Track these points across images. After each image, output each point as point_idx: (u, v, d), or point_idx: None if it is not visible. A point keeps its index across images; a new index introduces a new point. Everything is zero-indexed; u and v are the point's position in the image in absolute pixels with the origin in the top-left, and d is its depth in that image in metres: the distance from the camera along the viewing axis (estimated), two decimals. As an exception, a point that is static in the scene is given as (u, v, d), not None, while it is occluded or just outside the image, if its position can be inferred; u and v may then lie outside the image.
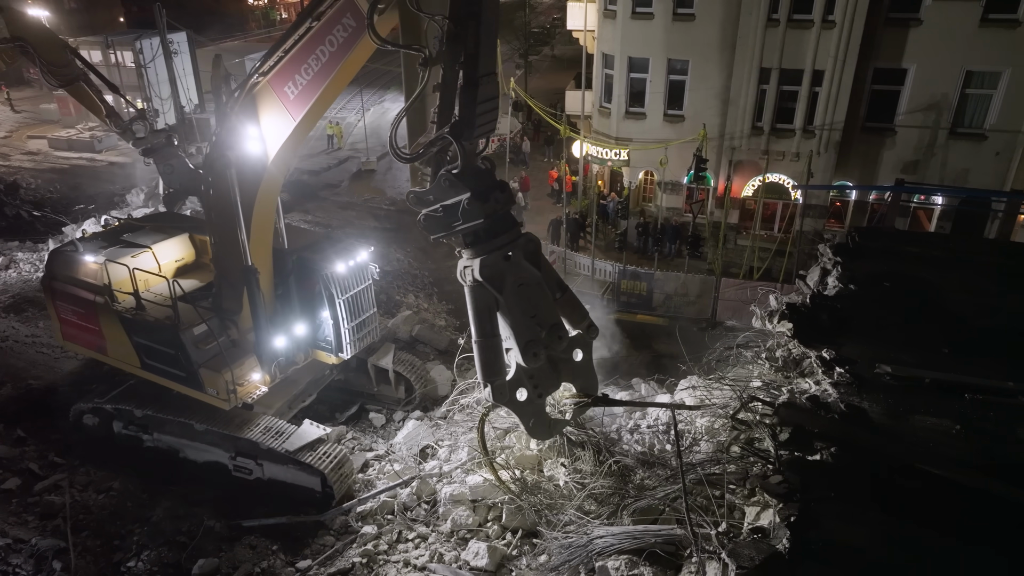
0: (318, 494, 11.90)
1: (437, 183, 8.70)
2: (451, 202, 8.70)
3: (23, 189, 29.96)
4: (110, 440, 13.28)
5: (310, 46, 9.86)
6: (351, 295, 12.77)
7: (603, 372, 19.65)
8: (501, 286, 9.01)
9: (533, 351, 9.25)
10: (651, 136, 25.81)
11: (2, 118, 42.78)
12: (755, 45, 23.43)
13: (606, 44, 26.54)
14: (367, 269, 13.19)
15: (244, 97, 10.41)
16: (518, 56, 49.53)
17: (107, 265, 12.23)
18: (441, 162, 8.70)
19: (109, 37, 40.36)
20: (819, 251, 13.95)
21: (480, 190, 8.55)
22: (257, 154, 10.70)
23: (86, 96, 18.87)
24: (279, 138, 10.56)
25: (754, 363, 11.33)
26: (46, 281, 13.34)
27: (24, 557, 10.53)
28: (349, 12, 9.47)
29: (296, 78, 10.05)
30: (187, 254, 13.90)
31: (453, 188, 8.56)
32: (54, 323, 13.67)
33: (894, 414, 9.14)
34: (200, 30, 47.35)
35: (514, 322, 9.19)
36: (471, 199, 8.53)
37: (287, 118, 10.32)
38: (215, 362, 11.86)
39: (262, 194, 11.16)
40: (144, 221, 14.97)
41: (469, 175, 8.56)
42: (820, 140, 23.80)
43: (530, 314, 9.25)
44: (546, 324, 9.37)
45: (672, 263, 25.18)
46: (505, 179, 30.04)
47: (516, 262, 9.11)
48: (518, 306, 9.17)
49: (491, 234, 8.90)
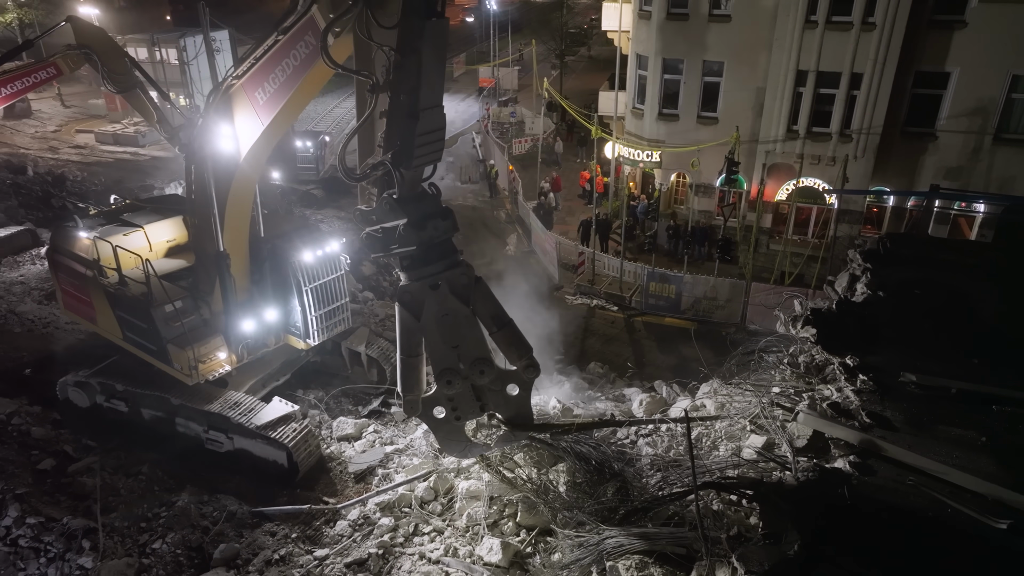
0: (285, 467, 12.40)
1: (380, 205, 8.97)
2: (390, 225, 8.96)
3: (69, 181, 30.87)
4: (137, 424, 13.73)
5: (277, 57, 10.38)
6: (319, 284, 13.28)
7: (626, 372, 19.70)
8: (419, 313, 9.28)
9: (447, 379, 9.59)
10: (684, 138, 25.60)
11: (52, 112, 44.17)
12: (792, 47, 23.07)
13: (640, 45, 26.40)
14: (338, 260, 13.66)
15: (220, 97, 10.82)
16: (554, 56, 49.54)
17: (96, 241, 12.85)
18: (387, 184, 8.91)
19: (155, 35, 41.42)
20: (849, 257, 13.72)
21: (417, 218, 8.82)
22: (230, 151, 11.21)
23: (140, 102, 19.67)
24: (250, 138, 11.08)
25: (776, 368, 11.20)
26: (50, 254, 14.27)
27: (55, 535, 10.90)
28: (310, 31, 10.04)
29: (265, 85, 10.55)
30: (179, 235, 14.39)
31: (393, 212, 8.85)
32: (58, 292, 14.65)
33: (917, 423, 8.97)
34: (243, 28, 48.34)
35: (432, 349, 9.55)
36: (407, 226, 8.82)
37: (256, 121, 10.85)
38: (181, 339, 12.42)
39: (235, 187, 11.72)
40: (147, 202, 15.59)
41: (409, 201, 8.82)
42: (857, 144, 23.34)
43: (452, 344, 9.53)
44: (468, 357, 9.64)
45: (702, 267, 24.94)
46: (536, 179, 29.76)
47: (443, 293, 9.29)
48: (439, 334, 9.46)
49: (422, 262, 9.14)
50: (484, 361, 9.73)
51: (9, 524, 11.12)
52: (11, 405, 14.02)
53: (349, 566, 10.33)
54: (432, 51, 8.32)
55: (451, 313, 9.37)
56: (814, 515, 7.59)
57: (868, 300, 12.15)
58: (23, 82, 19.02)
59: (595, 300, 24.28)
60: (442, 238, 9.18)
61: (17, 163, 31.20)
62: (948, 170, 23.04)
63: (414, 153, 8.57)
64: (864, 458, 8.48)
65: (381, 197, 8.94)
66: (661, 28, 25.04)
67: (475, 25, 64.52)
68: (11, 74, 18.71)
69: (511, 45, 46.89)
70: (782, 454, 9.09)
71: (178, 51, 39.57)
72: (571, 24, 55.66)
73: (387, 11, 8.51)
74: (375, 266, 23.49)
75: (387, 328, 17.80)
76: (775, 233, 25.84)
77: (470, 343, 9.64)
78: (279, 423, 12.41)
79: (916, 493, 7.96)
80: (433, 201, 9.20)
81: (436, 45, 8.37)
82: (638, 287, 23.90)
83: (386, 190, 8.90)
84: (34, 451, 12.90)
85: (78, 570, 10.43)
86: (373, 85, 8.91)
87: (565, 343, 20.95)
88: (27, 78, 18.95)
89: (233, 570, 10.43)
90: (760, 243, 25.07)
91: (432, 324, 9.35)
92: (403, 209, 8.75)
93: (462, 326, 9.50)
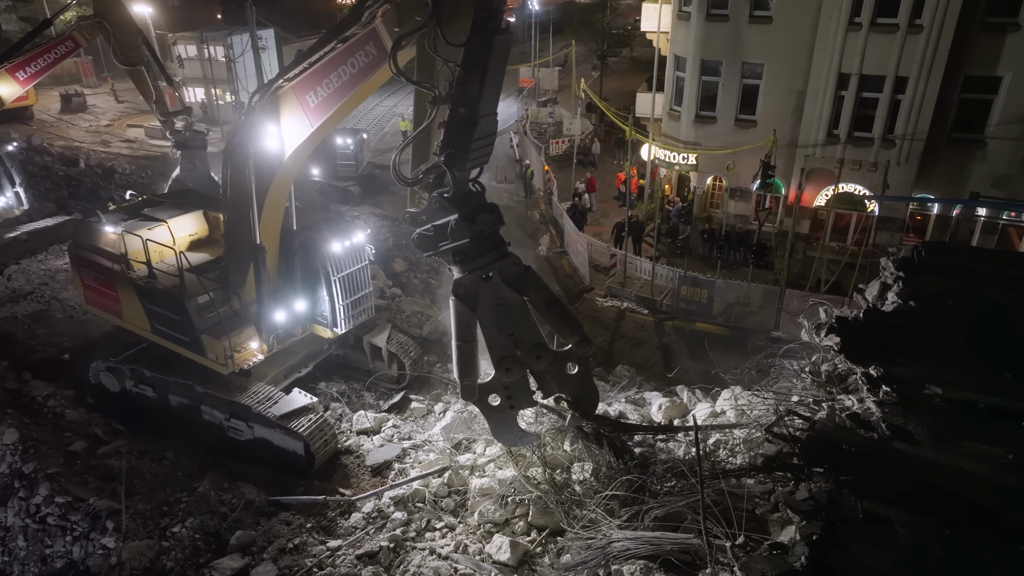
0: (302, 457, 12.60)
1: (429, 204, 9.43)
2: (441, 222, 9.39)
3: (118, 174, 31.88)
4: (164, 410, 14.10)
5: (333, 64, 10.57)
6: (347, 274, 13.53)
7: (654, 376, 19.48)
8: (475, 304, 9.66)
9: (505, 366, 9.91)
10: (721, 141, 25.24)
11: (106, 107, 45.69)
12: (834, 49, 22.57)
13: (679, 46, 26.12)
14: (363, 250, 13.91)
15: (268, 97, 10.99)
16: (595, 57, 49.29)
17: (124, 236, 13.14)
18: (436, 186, 9.38)
19: (204, 33, 42.45)
20: (881, 265, 13.35)
21: (466, 213, 9.24)
22: (275, 151, 11.40)
23: (142, 80, 20.17)
24: (296, 139, 11.27)
25: (797, 377, 10.95)
26: (72, 249, 14.40)
27: (81, 515, 11.25)
28: (372, 42, 10.29)
29: (318, 89, 10.74)
30: (200, 229, 14.79)
31: (443, 210, 9.29)
32: (78, 288, 14.74)
33: (940, 438, 8.67)
34: (290, 27, 49.30)
35: (490, 338, 9.85)
36: (458, 220, 9.23)
37: (306, 123, 11.03)
38: (215, 329, 12.69)
39: (276, 184, 11.93)
40: (164, 197, 15.94)
41: (459, 199, 9.25)
42: (900, 150, 22.71)
43: (507, 332, 9.87)
44: (525, 343, 9.96)
45: (736, 272, 24.54)
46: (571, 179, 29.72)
47: (496, 283, 9.67)
48: (494, 324, 9.79)
49: (474, 254, 9.53)
50: (540, 346, 10.05)
51: (39, 502, 11.53)
52: (48, 388, 14.57)
53: (360, 558, 10.43)
54: (496, 65, 8.92)
55: (504, 302, 9.74)
56: (823, 527, 7.40)
57: (898, 310, 11.79)
58: (44, 59, 19.65)
59: (625, 303, 24.09)
60: (491, 230, 9.57)
61: (71, 156, 32.35)
62: (997, 178, 22.26)
63: (469, 156, 9.11)
64: (881, 471, 8.23)
65: (431, 197, 9.41)
66: (700, 29, 24.74)
67: (516, 25, 64.58)
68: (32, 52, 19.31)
69: (551, 46, 46.78)
70: (797, 464, 8.87)
71: (225, 49, 40.47)
72: (614, 25, 55.22)
73: (455, 29, 9.01)
74: (406, 263, 23.72)
75: (412, 324, 17.96)
76: (812, 239, 25.28)
77: (525, 330, 9.94)
78: (297, 414, 12.62)
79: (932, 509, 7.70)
80: (479, 197, 9.64)
81: (499, 59, 8.98)
82: (669, 291, 23.63)
83: (435, 191, 9.38)
84: (67, 433, 13.36)
85: (100, 549, 10.75)
86: (435, 97, 9.34)
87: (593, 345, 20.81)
88: (47, 55, 19.57)
89: (248, 557, 10.61)
90: (797, 249, 24.58)
91: (487, 314, 9.71)
92: (454, 206, 9.21)
93: (515, 314, 9.84)
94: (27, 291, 18.69)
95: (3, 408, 13.66)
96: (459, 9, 9.03)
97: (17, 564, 10.98)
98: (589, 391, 10.69)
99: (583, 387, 10.57)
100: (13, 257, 20.21)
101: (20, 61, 19.88)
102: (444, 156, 9.05)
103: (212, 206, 15.01)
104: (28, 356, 16.05)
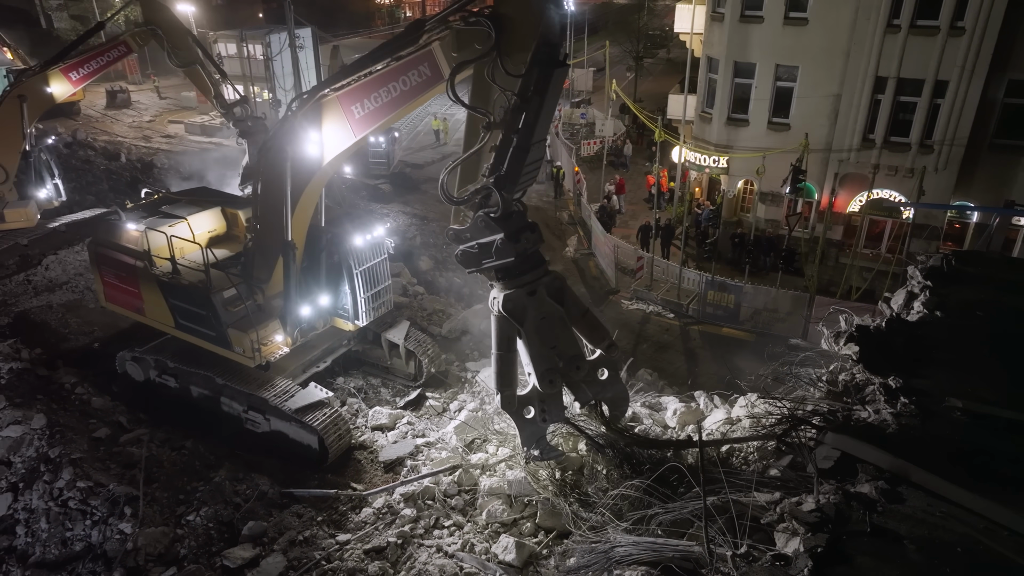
0: (316, 451, 12.76)
1: (474, 223, 9.71)
2: (486, 240, 9.67)
3: (157, 169, 32.65)
4: (186, 401, 14.36)
5: (385, 79, 10.78)
6: (368, 267, 13.68)
7: (676, 381, 19.25)
8: (523, 319, 9.94)
9: (549, 379, 10.18)
10: (753, 144, 24.85)
11: (149, 103, 46.82)
12: (872, 52, 22.06)
13: (712, 47, 25.79)
14: (383, 244, 14.07)
15: (311, 104, 11.15)
16: (630, 58, 48.94)
17: (147, 233, 13.31)
18: (482, 205, 9.66)
19: (243, 31, 43.22)
20: (908, 273, 13.01)
21: (511, 232, 9.51)
22: (314, 155, 11.59)
23: (199, 78, 20.85)
24: (337, 147, 11.48)
25: (813, 385, 10.72)
26: (92, 247, 14.54)
27: (101, 500, 11.53)
28: (427, 63, 10.55)
29: (365, 102, 10.95)
30: (219, 226, 14.96)
31: (488, 228, 9.58)
32: (97, 286, 14.84)
33: (958, 452, 8.40)
34: (328, 26, 49.94)
35: (534, 352, 10.10)
36: (504, 239, 9.50)
37: (349, 133, 11.24)
38: (242, 323, 12.85)
39: (311, 186, 12.17)
40: (180, 195, 16.15)
41: (504, 218, 9.53)
42: (939, 156, 22.10)
43: (550, 344, 10.15)
44: (565, 355, 10.27)
45: (765, 277, 24.13)
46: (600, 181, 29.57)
47: (540, 298, 10.01)
48: (538, 337, 10.07)
49: (519, 271, 9.83)
50: (579, 357, 10.43)
51: (62, 486, 11.85)
52: (76, 375, 14.96)
53: (368, 553, 10.50)
54: (552, 95, 9.28)
55: (548, 316, 10.09)
56: (828, 540, 7.23)
57: (923, 319, 11.49)
58: (97, 61, 20.42)
59: (651, 306, 23.88)
60: (533, 248, 9.92)
61: (113, 150, 33.23)
62: (1042, 186, 21.54)
63: (519, 179, 9.48)
64: (893, 484, 8.01)
65: (476, 216, 9.68)
66: (734, 30, 24.39)
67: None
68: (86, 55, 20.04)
69: (586, 46, 46.56)
70: (807, 474, 8.68)
71: (263, 47, 41.16)
72: (651, 26, 54.72)
73: (514, 60, 9.34)
74: (432, 261, 23.84)
75: (433, 322, 18.02)
76: (845, 245, 24.74)
77: (565, 342, 10.30)
78: (313, 408, 12.76)
79: (945, 526, 7.48)
80: (522, 216, 9.93)
81: (556, 90, 9.36)
82: (696, 295, 23.36)
83: (480, 210, 9.67)
84: (92, 419, 13.70)
85: (118, 535, 11.00)
86: (489, 123, 9.69)
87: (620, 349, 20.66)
88: (100, 57, 20.31)
89: (259, 547, 10.75)
90: (829, 255, 24.08)
91: (532, 328, 10.03)
92: (500, 225, 9.51)
93: (557, 326, 10.19)
94: (63, 281, 19.24)
95: (34, 394, 14.09)
96: (520, 41, 9.33)
97: (39, 545, 11.30)
98: (619, 392, 11.13)
99: (614, 389, 10.99)
100: (52, 248, 20.82)
101: (75, 62, 20.67)
102: (494, 178, 9.35)
103: (230, 203, 15.25)
104: (60, 344, 16.51)
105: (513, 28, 9.37)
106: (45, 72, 20.46)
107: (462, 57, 10.07)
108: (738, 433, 11.16)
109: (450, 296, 21.49)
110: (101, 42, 22.67)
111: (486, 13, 9.64)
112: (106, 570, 10.61)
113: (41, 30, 55.03)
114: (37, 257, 20.31)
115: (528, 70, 9.14)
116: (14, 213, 20.60)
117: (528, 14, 9.23)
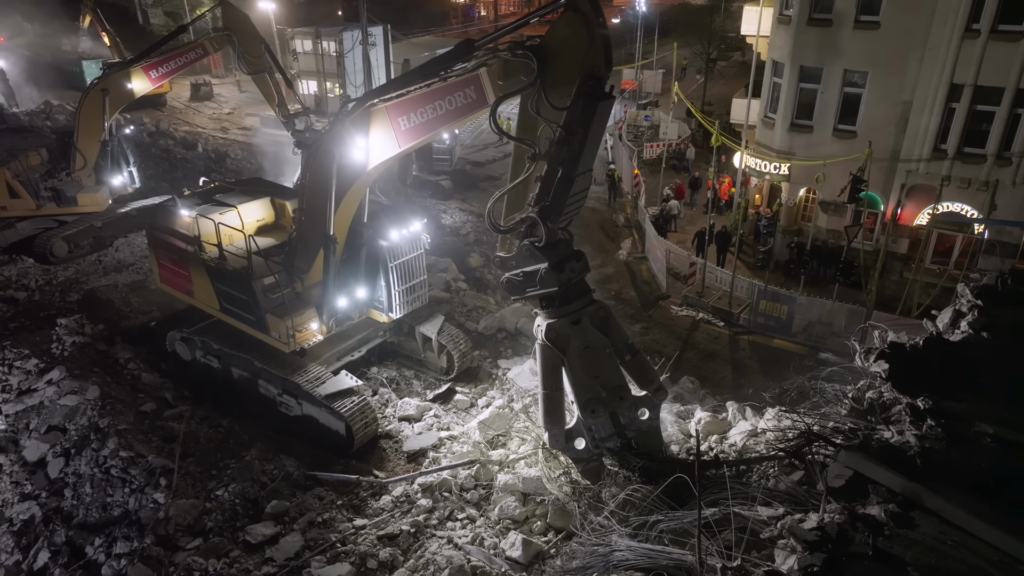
0: (343, 436, 13.08)
1: (519, 251, 9.84)
2: (530, 269, 9.77)
3: (229, 159, 34.09)
4: (227, 381, 14.99)
5: (431, 97, 11.04)
6: (403, 261, 13.95)
7: (720, 390, 18.81)
8: (566, 348, 9.98)
9: (591, 408, 10.21)
10: (817, 152, 23.97)
11: (230, 96, 48.85)
12: (947, 58, 20.94)
13: (777, 51, 25.03)
14: (419, 239, 14.32)
15: (360, 112, 11.44)
16: (701, 61, 48.00)
17: (198, 219, 13.92)
18: (528, 235, 9.76)
19: (319, 28, 44.59)
20: (957, 291, 12.38)
21: (556, 262, 9.59)
22: (359, 161, 11.95)
23: (266, 86, 21.73)
24: (382, 155, 11.81)
25: (837, 401, 10.34)
26: (149, 231, 15.37)
27: (140, 470, 12.22)
28: (473, 86, 10.75)
29: (411, 115, 11.23)
30: (267, 215, 15.52)
31: (533, 257, 9.71)
32: (153, 268, 15.71)
33: (982, 480, 7.98)
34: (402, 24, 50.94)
35: (576, 381, 10.13)
36: (548, 269, 9.59)
37: (394, 144, 11.54)
38: (279, 310, 13.34)
39: (355, 188, 12.55)
40: (235, 184, 16.81)
41: (549, 248, 9.60)
42: (1017, 169, 20.80)
43: (593, 374, 10.17)
44: (609, 385, 10.27)
45: (822, 289, 23.27)
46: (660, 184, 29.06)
47: (584, 327, 10.03)
48: (581, 367, 10.09)
49: (563, 301, 9.91)
50: (623, 388, 10.49)
51: (107, 454, 12.61)
52: (131, 351, 15.84)
53: (381, 539, 10.75)
54: (597, 128, 9.33)
55: (592, 346, 10.16)
56: (824, 560, 7.00)
57: (967, 340, 10.92)
58: (176, 61, 21.58)
59: (701, 313, 23.40)
60: (578, 277, 9.98)
61: (191, 140, 34.87)
62: None
63: (563, 210, 9.58)
64: (905, 508, 7.69)
65: (521, 245, 9.83)
66: (800, 33, 23.60)
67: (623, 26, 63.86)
68: (166, 55, 21.19)
69: (656, 48, 45.92)
70: (817, 492, 8.41)
71: (337, 44, 42.37)
72: (728, 28, 53.43)
73: (559, 92, 9.41)
74: (483, 258, 24.04)
75: (471, 318, 18.20)
76: (910, 260, 23.60)
77: (608, 372, 10.36)
78: (342, 395, 13.12)
79: (956, 555, 7.13)
80: (567, 245, 10.02)
81: (601, 123, 9.39)
82: (748, 304, 22.75)
83: (526, 239, 9.79)
84: (140, 394, 14.50)
85: (152, 503, 11.62)
86: (534, 154, 9.77)
87: (661, 354, 20.38)
88: (179, 58, 21.44)
89: (280, 525, 11.16)
90: (893, 270, 23.03)
91: (575, 358, 10.11)
92: (544, 254, 9.65)
93: (601, 357, 10.27)
94: (130, 263, 20.41)
95: (91, 367, 15.01)
96: (564, 75, 9.37)
97: (83, 508, 12.05)
98: (655, 434, 11.01)
99: (650, 428, 10.88)
100: (123, 231, 22.09)
101: (155, 61, 22.02)
102: (539, 208, 9.44)
103: (279, 194, 15.81)
104: (121, 322, 17.53)
105: (558, 61, 9.40)
106: (128, 68, 21.78)
107: (508, 87, 10.18)
108: (761, 446, 10.88)
109: (497, 294, 21.66)
110: (186, 41, 24.05)
111: (531, 45, 9.68)
112: (139, 536, 11.22)
113: (137, 25, 58.18)
114: (109, 239, 21.59)
115: (573, 102, 9.16)
116: (86, 198, 21.95)
117: (573, 48, 9.23)
